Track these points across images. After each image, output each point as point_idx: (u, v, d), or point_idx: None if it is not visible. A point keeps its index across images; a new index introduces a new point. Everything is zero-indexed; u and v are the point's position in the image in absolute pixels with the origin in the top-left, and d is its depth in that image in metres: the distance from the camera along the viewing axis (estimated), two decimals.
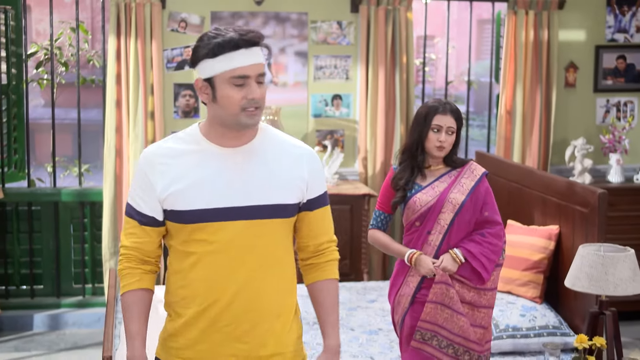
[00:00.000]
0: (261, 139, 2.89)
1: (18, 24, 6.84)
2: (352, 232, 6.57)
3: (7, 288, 6.91)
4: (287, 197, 2.86)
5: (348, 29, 6.94)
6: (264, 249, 2.83)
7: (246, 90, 2.73)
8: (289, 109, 6.91)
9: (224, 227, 2.79)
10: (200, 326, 2.84)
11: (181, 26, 6.72)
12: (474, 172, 4.17)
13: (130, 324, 2.88)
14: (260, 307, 2.83)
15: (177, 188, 2.79)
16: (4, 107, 6.79)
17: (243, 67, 2.72)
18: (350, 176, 7.05)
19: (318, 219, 2.97)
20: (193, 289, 2.84)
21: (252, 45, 2.73)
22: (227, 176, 2.81)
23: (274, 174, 2.85)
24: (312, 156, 2.96)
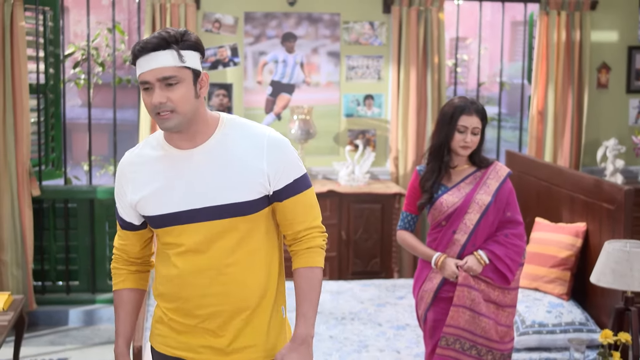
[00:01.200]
0: (219, 135, 2.87)
1: (56, 24, 6.96)
2: (382, 230, 6.62)
3: (43, 284, 7.03)
4: (245, 195, 2.82)
5: (380, 30, 7.00)
6: (232, 247, 2.84)
7: (151, 95, 2.76)
8: (322, 108, 6.98)
9: (186, 230, 2.83)
10: (178, 320, 2.91)
11: (215, 26, 6.81)
12: (499, 173, 4.21)
13: (116, 322, 3.03)
14: (232, 302, 2.85)
15: (143, 195, 2.86)
16: (42, 106, 6.91)
17: (142, 73, 2.76)
18: (381, 175, 7.10)
19: (290, 208, 2.90)
20: (168, 287, 2.91)
21: (152, 51, 2.74)
22: (185, 179, 2.83)
23: (230, 173, 2.82)
24: (273, 146, 2.87)
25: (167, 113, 2.74)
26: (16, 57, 6.43)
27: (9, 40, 6.40)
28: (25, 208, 6.58)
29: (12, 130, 6.46)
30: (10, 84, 6.43)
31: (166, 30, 2.77)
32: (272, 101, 6.96)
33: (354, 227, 6.61)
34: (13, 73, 6.44)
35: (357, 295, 5.60)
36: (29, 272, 6.65)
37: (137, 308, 3.04)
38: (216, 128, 2.87)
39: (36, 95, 6.81)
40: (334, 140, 7.04)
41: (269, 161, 2.84)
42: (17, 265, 6.57)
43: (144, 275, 3.07)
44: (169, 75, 2.73)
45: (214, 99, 6.86)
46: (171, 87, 2.74)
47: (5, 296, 5.38)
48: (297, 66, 6.95)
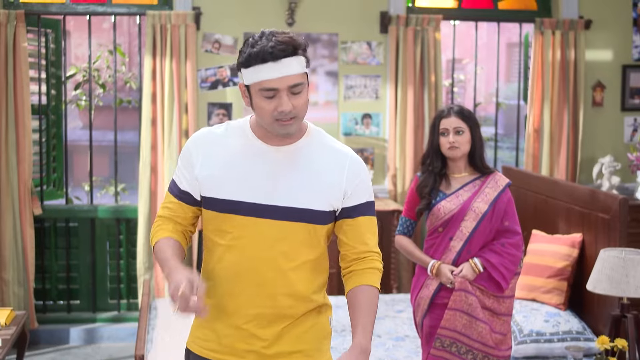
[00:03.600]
0: (307, 141, 2.87)
1: (58, 46, 7.05)
2: (381, 247, 6.51)
3: (44, 302, 7.07)
4: (318, 203, 2.83)
5: (377, 49, 7.09)
6: (288, 250, 2.82)
7: (277, 102, 2.70)
8: (320, 127, 7.01)
9: (250, 222, 2.81)
10: (220, 320, 2.88)
11: (215, 47, 6.90)
12: (498, 182, 4.25)
13: (164, 255, 2.86)
14: (281, 307, 2.84)
15: (213, 173, 2.84)
16: (44, 127, 6.99)
17: (270, 80, 2.69)
18: (380, 193, 7.16)
19: (358, 228, 2.90)
20: (216, 281, 2.88)
21: (283, 57, 2.68)
22: (263, 173, 2.83)
23: (309, 178, 2.82)
24: (355, 165, 2.90)
25: (290, 120, 2.73)
26: (18, 78, 6.51)
27: (12, 62, 6.49)
28: (27, 227, 6.64)
29: (15, 150, 6.53)
30: (12, 105, 6.50)
31: (286, 34, 2.73)
32: None
33: None
34: (15, 94, 6.52)
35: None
36: (30, 290, 6.70)
37: (182, 255, 2.89)
38: (304, 134, 2.88)
39: (38, 116, 6.89)
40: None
41: (348, 179, 2.86)
42: (18, 283, 6.62)
43: (187, 237, 3.00)
44: (298, 82, 2.72)
45: (214, 118, 6.93)
46: (297, 94, 2.72)
47: (7, 311, 5.44)
48: None
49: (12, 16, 6.46)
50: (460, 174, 4.29)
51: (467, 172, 4.30)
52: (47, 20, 6.93)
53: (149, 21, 6.65)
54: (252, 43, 2.72)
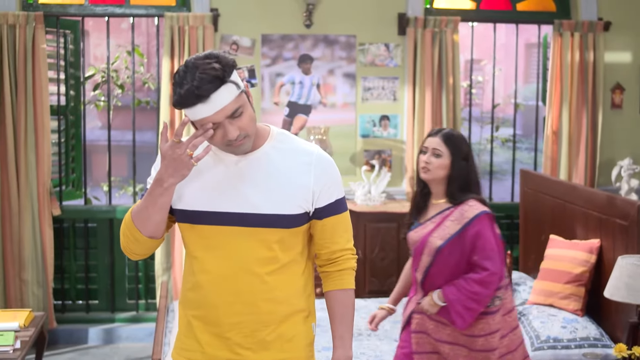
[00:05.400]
0: (270, 146, 2.89)
1: (76, 47, 7.08)
2: (398, 249, 6.66)
3: (63, 302, 7.11)
4: (287, 208, 2.84)
5: (395, 51, 7.08)
6: (262, 256, 2.84)
7: (222, 131, 2.72)
8: (338, 129, 7.06)
9: (220, 231, 2.83)
10: (203, 330, 2.90)
11: (233, 48, 6.91)
12: (465, 214, 3.97)
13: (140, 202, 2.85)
14: (261, 313, 2.86)
15: (180, 185, 2.85)
16: (63, 128, 7.02)
17: (208, 117, 2.69)
18: (397, 195, 7.16)
19: (328, 228, 2.93)
20: (195, 293, 2.90)
21: (212, 94, 2.66)
22: (228, 182, 2.84)
23: (275, 183, 2.83)
24: (321, 164, 2.90)
25: (241, 140, 2.75)
26: (37, 79, 6.55)
27: (31, 63, 6.52)
28: (46, 227, 6.68)
29: (34, 150, 6.57)
30: (31, 106, 6.54)
31: (210, 62, 2.69)
32: (289, 122, 7.04)
33: (370, 246, 6.65)
34: (34, 95, 6.55)
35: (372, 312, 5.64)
36: (49, 290, 6.73)
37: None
38: (266, 140, 2.89)
39: (57, 117, 6.92)
40: (350, 161, 7.11)
41: (316, 178, 2.87)
42: (37, 284, 6.66)
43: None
44: (236, 108, 2.72)
45: None
46: (239, 117, 2.73)
47: (26, 313, 5.47)
48: (314, 87, 7.03)
49: (31, 18, 6.49)
50: (437, 201, 4.12)
51: (444, 200, 4.09)
52: (66, 21, 6.95)
53: (166, 22, 6.67)
54: (179, 81, 2.70)
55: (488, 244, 3.93)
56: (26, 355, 5.18)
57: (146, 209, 2.81)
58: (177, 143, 2.69)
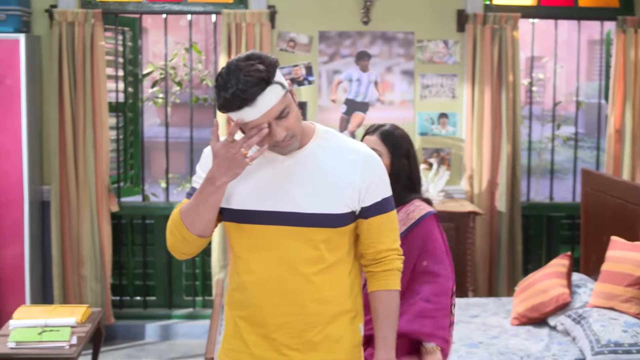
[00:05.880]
0: (316, 144, 2.86)
1: (135, 45, 7.12)
2: (457, 249, 6.57)
3: (121, 298, 7.15)
4: (334, 207, 2.80)
5: (454, 48, 6.99)
6: (309, 256, 2.81)
7: (269, 133, 2.70)
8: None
9: (265, 230, 2.80)
10: (250, 331, 2.87)
11: (290, 45, 6.88)
12: (410, 215, 3.69)
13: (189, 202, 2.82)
14: (308, 313, 2.83)
15: (230, 185, 2.81)
16: (121, 125, 7.06)
17: (255, 120, 2.66)
18: (456, 194, 7.07)
19: (374, 227, 2.89)
20: (241, 293, 2.88)
21: (258, 97, 2.63)
22: (274, 181, 2.81)
23: (321, 182, 2.80)
24: (368, 162, 2.86)
25: (288, 140, 2.74)
26: (96, 76, 6.59)
27: (89, 60, 6.56)
28: (104, 224, 6.72)
29: (92, 147, 6.61)
30: (90, 103, 6.58)
31: (253, 64, 2.65)
32: (346, 119, 7.00)
33: None
34: (93, 92, 6.60)
35: None
36: (107, 286, 6.78)
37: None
38: (311, 138, 2.87)
39: (115, 114, 6.96)
40: None
41: (362, 177, 2.83)
42: (95, 280, 6.70)
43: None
44: (282, 109, 2.69)
45: None
46: (285, 117, 2.71)
47: (83, 309, 5.50)
48: (371, 85, 6.98)
49: (90, 15, 6.53)
50: None
51: None
52: (125, 18, 6.99)
53: (224, 20, 6.67)
54: (223, 85, 2.66)
55: (438, 246, 3.66)
56: (82, 351, 5.21)
57: (197, 207, 2.78)
58: (231, 142, 2.66)
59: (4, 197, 6.35)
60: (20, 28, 6.36)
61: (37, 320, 5.24)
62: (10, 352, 4.91)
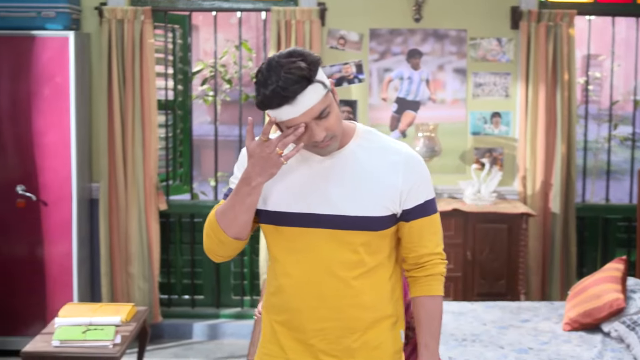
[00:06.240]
0: (356, 144, 2.78)
1: (185, 42, 7.09)
2: (509, 251, 6.45)
3: (169, 297, 7.13)
4: (374, 209, 2.72)
5: (508, 46, 6.85)
6: (347, 259, 2.73)
7: (308, 133, 2.63)
8: (447, 126, 6.87)
9: (303, 233, 2.73)
10: (287, 335, 2.81)
11: (340, 43, 6.80)
12: None
13: (225, 204, 2.76)
14: (346, 319, 2.75)
15: (265, 184, 2.75)
16: (170, 123, 7.04)
17: (294, 118, 2.59)
18: (509, 195, 6.93)
19: (416, 230, 2.81)
20: (278, 297, 2.81)
21: (298, 95, 2.55)
22: (311, 182, 2.74)
23: (361, 183, 2.72)
24: (410, 163, 2.77)
25: (328, 141, 2.66)
26: (145, 73, 6.57)
27: (139, 58, 6.54)
28: (153, 222, 6.70)
29: (141, 145, 6.60)
30: (139, 100, 6.57)
31: (294, 61, 2.57)
32: (397, 118, 6.89)
33: (479, 247, 6.45)
34: (142, 89, 6.59)
35: (479, 316, 5.46)
36: (155, 285, 6.76)
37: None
38: (351, 138, 2.79)
39: (165, 112, 6.94)
40: (460, 159, 6.92)
41: (404, 178, 2.75)
42: (143, 278, 6.69)
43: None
44: (323, 109, 2.61)
45: None
46: (326, 117, 2.62)
47: (128, 307, 5.48)
48: (423, 83, 6.87)
49: (139, 12, 6.51)
50: None
51: None
52: (174, 16, 6.96)
53: (273, 17, 6.60)
54: (262, 81, 2.58)
55: None
56: (126, 350, 5.19)
57: (232, 208, 2.71)
58: (265, 141, 2.59)
59: (53, 195, 6.36)
60: (70, 25, 6.35)
61: (82, 318, 5.23)
62: (54, 350, 4.90)
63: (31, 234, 6.37)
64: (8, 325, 6.41)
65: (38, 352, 4.89)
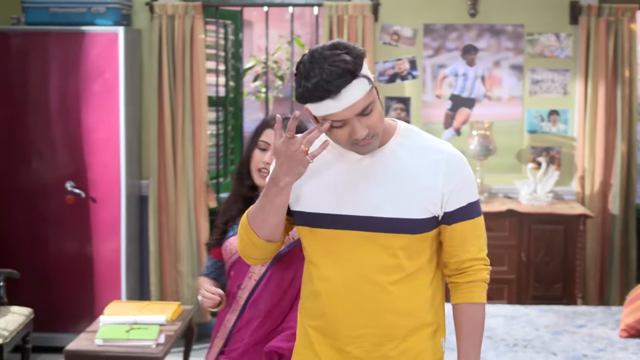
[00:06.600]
0: (396, 142, 2.65)
1: (237, 38, 7.01)
2: (565, 253, 6.26)
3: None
4: (413, 211, 2.58)
5: (566, 42, 6.65)
6: (385, 264, 2.60)
7: (349, 129, 2.50)
8: (503, 124, 6.69)
9: (340, 235, 2.61)
10: (322, 342, 2.69)
11: (393, 39, 6.66)
12: (290, 234, 3.22)
13: (256, 204, 2.65)
14: (384, 326, 2.63)
15: (297, 185, 2.65)
16: (222, 119, 6.97)
17: (336, 113, 2.46)
18: (566, 195, 6.73)
19: (458, 234, 2.66)
20: (313, 301, 2.70)
21: (342, 89, 2.42)
22: (349, 182, 2.61)
23: (401, 185, 2.59)
24: (452, 163, 2.63)
25: (369, 139, 2.53)
26: (195, 70, 6.51)
27: (189, 54, 6.48)
28: (202, 219, 6.64)
29: (191, 142, 6.54)
30: (189, 97, 6.51)
31: (339, 53, 2.45)
32: (452, 116, 6.74)
33: (534, 249, 6.28)
34: (192, 86, 6.53)
35: (532, 321, 5.29)
36: None
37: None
38: (392, 136, 2.66)
39: (215, 108, 6.87)
40: (516, 158, 6.73)
41: (445, 179, 2.61)
42: (192, 276, 6.63)
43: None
44: (366, 105, 2.49)
45: (391, 113, 6.70)
46: (368, 114, 2.50)
47: (174, 306, 5.41)
48: (478, 80, 6.70)
49: (190, 8, 6.45)
50: None
51: None
52: (227, 11, 6.89)
53: (325, 12, 6.50)
54: (304, 74, 2.45)
55: None
56: (171, 349, 5.12)
57: (262, 209, 2.62)
58: (290, 139, 2.48)
59: (102, 192, 6.33)
60: (120, 21, 6.31)
61: (127, 317, 5.17)
62: (97, 349, 4.85)
63: (80, 231, 6.35)
64: (57, 322, 6.39)
65: (80, 350, 4.84)
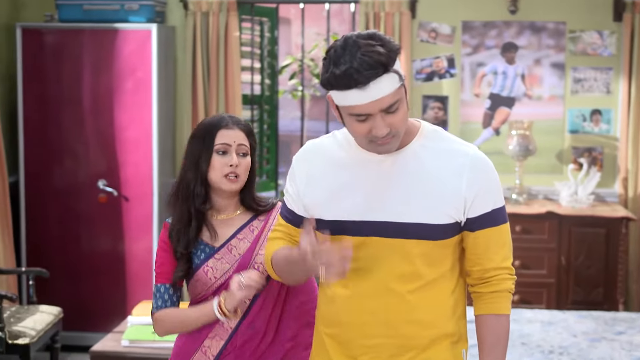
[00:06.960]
0: (419, 143, 2.52)
1: (272, 35, 6.93)
2: (607, 257, 6.10)
3: None
4: (434, 216, 2.46)
5: (610, 39, 6.47)
6: (404, 271, 2.48)
7: (370, 124, 2.38)
8: (543, 123, 6.53)
9: (362, 243, 2.49)
10: (337, 350, 2.58)
11: (431, 36, 6.54)
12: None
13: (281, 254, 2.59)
14: (400, 336, 2.50)
15: (315, 192, 2.55)
16: (257, 117, 6.89)
17: (360, 105, 2.35)
18: (608, 197, 6.55)
19: (482, 242, 2.53)
20: (329, 309, 2.60)
21: (372, 81, 2.31)
22: (371, 187, 2.49)
23: (422, 189, 2.47)
24: (477, 166, 2.50)
25: (389, 139, 2.42)
26: (230, 67, 6.44)
27: (224, 51, 6.41)
28: None
29: None
30: (223, 94, 6.44)
31: (373, 45, 2.33)
32: (490, 115, 6.59)
33: (575, 253, 6.12)
34: (226, 83, 6.46)
35: (570, 327, 5.14)
36: None
37: None
38: (415, 137, 2.53)
39: (250, 106, 6.79)
40: (557, 158, 6.57)
41: (468, 183, 2.48)
42: None
43: None
44: (393, 102, 2.37)
45: (428, 112, 6.57)
46: (393, 112, 2.39)
47: None
48: (518, 78, 6.55)
49: (224, 5, 6.37)
50: (230, 215, 3.02)
51: (240, 211, 3.03)
52: (262, 9, 6.81)
53: (362, 9, 6.39)
54: (334, 59, 2.33)
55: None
56: None
57: (290, 271, 2.61)
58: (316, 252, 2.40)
59: (134, 190, 6.27)
60: (154, 18, 6.25)
61: None
62: (123, 350, 4.78)
63: (112, 230, 6.31)
64: (87, 321, 6.35)
65: (106, 351, 4.77)
